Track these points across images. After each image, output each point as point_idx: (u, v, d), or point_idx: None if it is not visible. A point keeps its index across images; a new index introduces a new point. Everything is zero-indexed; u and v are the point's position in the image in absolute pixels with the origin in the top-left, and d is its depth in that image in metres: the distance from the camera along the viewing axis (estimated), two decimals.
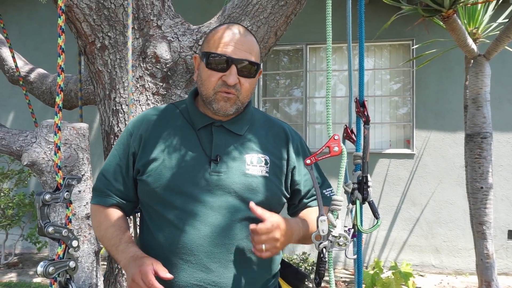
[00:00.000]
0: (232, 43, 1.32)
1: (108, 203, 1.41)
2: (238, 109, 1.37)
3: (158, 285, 1.17)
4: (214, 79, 1.33)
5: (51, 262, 1.12)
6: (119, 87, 2.20)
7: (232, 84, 1.31)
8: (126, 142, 1.41)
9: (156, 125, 1.41)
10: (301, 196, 1.44)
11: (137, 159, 1.38)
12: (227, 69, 1.31)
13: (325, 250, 1.24)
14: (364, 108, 1.40)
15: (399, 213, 5.51)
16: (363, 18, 1.39)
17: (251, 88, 1.37)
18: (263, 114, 1.53)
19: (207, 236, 1.29)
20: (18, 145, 1.96)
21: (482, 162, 4.13)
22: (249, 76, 1.34)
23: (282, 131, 1.46)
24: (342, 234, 1.24)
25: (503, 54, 4.72)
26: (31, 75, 3.46)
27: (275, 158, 1.39)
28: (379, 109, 5.79)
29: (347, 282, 5.01)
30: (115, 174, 1.41)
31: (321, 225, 1.22)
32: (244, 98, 1.36)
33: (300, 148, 1.46)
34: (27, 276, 5.26)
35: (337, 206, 1.27)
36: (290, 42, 5.74)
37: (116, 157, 1.42)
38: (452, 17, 3.83)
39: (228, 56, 1.31)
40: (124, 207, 1.44)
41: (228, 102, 1.34)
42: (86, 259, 1.98)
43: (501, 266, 5.11)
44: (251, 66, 1.33)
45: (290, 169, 1.41)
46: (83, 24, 2.12)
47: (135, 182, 1.41)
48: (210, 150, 1.35)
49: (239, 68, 1.32)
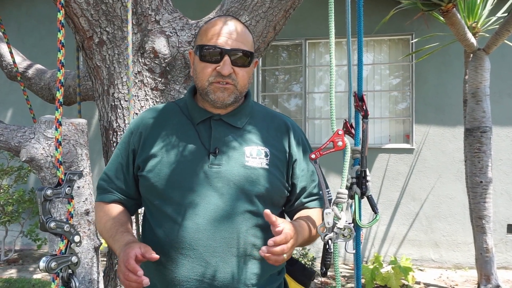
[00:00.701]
0: (224, 34, 1.33)
1: (109, 199, 1.44)
2: (236, 99, 1.37)
3: (135, 267, 1.16)
4: (208, 70, 1.33)
5: (53, 257, 1.12)
6: (117, 82, 2.19)
7: (226, 74, 1.31)
8: (127, 140, 1.45)
9: (156, 122, 1.43)
10: (297, 192, 1.42)
11: (137, 155, 1.40)
12: (220, 60, 1.32)
13: (331, 241, 1.27)
14: (362, 102, 1.40)
15: (399, 208, 5.52)
16: (361, 12, 1.38)
17: (248, 76, 1.38)
18: (263, 108, 1.53)
19: (206, 230, 1.28)
20: (16, 141, 1.95)
21: (482, 157, 4.14)
22: (243, 66, 1.35)
23: (283, 124, 1.46)
24: (347, 226, 1.26)
25: (502, 48, 4.71)
26: (29, 71, 3.45)
27: (275, 151, 1.38)
28: (379, 104, 5.78)
29: (347, 277, 5.02)
30: (116, 172, 1.44)
31: (326, 218, 1.25)
32: (241, 87, 1.36)
33: (301, 142, 1.45)
34: (27, 272, 5.27)
35: (341, 199, 1.28)
36: (289, 37, 5.73)
37: (118, 155, 1.45)
38: (451, 11, 3.82)
39: (220, 47, 1.32)
40: (126, 203, 1.46)
41: (225, 92, 1.34)
42: (85, 255, 1.98)
43: (500, 260, 5.12)
44: (244, 55, 1.34)
45: (292, 162, 1.41)
46: (81, 19, 2.11)
47: (136, 180, 1.43)
48: (209, 144, 1.35)
49: (233, 58, 1.32)
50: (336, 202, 1.28)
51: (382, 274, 4.54)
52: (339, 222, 1.26)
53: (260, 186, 1.33)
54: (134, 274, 1.17)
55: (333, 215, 1.25)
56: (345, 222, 1.26)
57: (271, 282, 1.39)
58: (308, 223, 1.36)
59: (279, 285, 1.43)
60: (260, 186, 1.33)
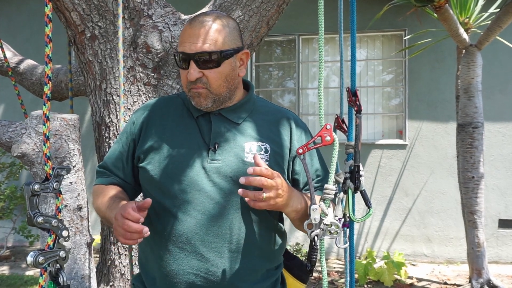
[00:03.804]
0: (189, 39, 1.30)
1: (107, 181, 1.44)
2: (216, 101, 1.34)
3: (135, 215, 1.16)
4: (184, 76, 1.34)
5: (41, 252, 1.12)
6: (109, 77, 2.18)
7: (192, 80, 1.29)
8: (128, 130, 1.45)
9: (158, 114, 1.43)
10: (300, 187, 1.41)
11: (138, 146, 1.41)
12: (188, 66, 1.30)
13: (317, 238, 1.24)
14: (356, 98, 1.40)
15: (392, 203, 5.55)
16: (354, 7, 1.38)
17: (221, 76, 1.32)
18: (267, 103, 1.50)
19: (203, 225, 1.28)
20: (7, 136, 1.93)
21: (474, 152, 4.16)
22: (212, 67, 1.30)
23: (285, 120, 1.43)
24: (334, 223, 1.24)
25: (494, 44, 4.73)
26: (21, 66, 3.42)
27: (276, 147, 1.37)
28: (372, 100, 5.80)
29: (340, 272, 5.05)
30: (116, 160, 1.45)
31: (313, 214, 1.23)
32: (216, 89, 1.32)
33: (304, 137, 1.43)
34: (19, 269, 5.25)
35: (328, 195, 1.27)
36: (283, 33, 5.72)
37: (119, 144, 1.46)
38: (444, 7, 3.84)
39: (185, 52, 1.29)
40: (124, 186, 1.45)
41: (200, 97, 1.32)
42: (78, 251, 1.97)
43: (491, 254, 5.16)
44: (210, 56, 1.29)
45: (292, 158, 1.39)
46: (72, 14, 2.09)
47: (135, 170, 1.44)
48: (209, 138, 1.34)
49: (199, 61, 1.29)
50: (323, 198, 1.27)
51: (375, 269, 4.56)
52: (326, 219, 1.24)
53: None
54: (135, 222, 1.16)
55: (320, 211, 1.24)
56: (332, 219, 1.24)
57: (267, 277, 1.39)
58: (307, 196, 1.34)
59: (276, 279, 1.43)
60: None
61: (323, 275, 1.30)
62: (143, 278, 1.42)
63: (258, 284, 1.35)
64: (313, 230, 1.24)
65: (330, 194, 1.27)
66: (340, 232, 1.25)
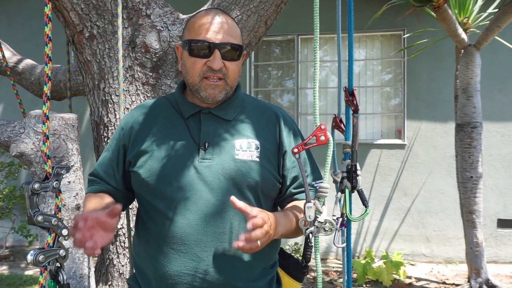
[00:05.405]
0: (212, 28, 1.32)
1: (97, 190, 1.44)
2: (227, 94, 1.37)
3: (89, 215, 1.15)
4: (199, 65, 1.33)
5: (41, 251, 1.12)
6: (108, 77, 2.18)
7: (217, 68, 1.31)
8: (118, 137, 1.45)
9: (146, 118, 1.43)
10: (287, 183, 1.41)
11: (128, 151, 1.41)
12: (210, 54, 1.31)
13: (312, 235, 1.26)
14: (353, 97, 1.40)
15: (391, 203, 5.55)
16: (352, 7, 1.38)
17: (238, 70, 1.37)
18: (254, 100, 1.51)
19: (197, 225, 1.29)
20: (6, 135, 1.94)
21: (472, 152, 4.17)
22: (233, 59, 1.34)
23: (274, 115, 1.44)
24: (328, 220, 1.26)
25: (493, 44, 4.74)
26: (20, 66, 3.42)
27: (266, 143, 1.38)
28: (371, 100, 5.80)
29: (339, 272, 5.05)
30: (106, 167, 1.44)
31: (308, 211, 1.25)
32: (232, 81, 1.36)
33: (292, 133, 1.44)
34: (18, 268, 5.25)
35: (323, 194, 1.28)
36: (282, 32, 5.72)
37: (109, 151, 1.45)
38: (442, 6, 3.84)
39: (210, 41, 1.31)
40: (114, 194, 1.45)
41: (216, 89, 1.34)
42: (76, 250, 1.97)
43: (490, 254, 5.17)
44: (234, 49, 1.33)
45: (282, 154, 1.40)
46: (71, 13, 2.09)
47: (126, 176, 1.43)
48: (199, 138, 1.35)
49: (222, 52, 1.32)
50: (318, 196, 1.28)
51: (373, 269, 4.57)
52: (320, 216, 1.26)
53: (250, 179, 1.32)
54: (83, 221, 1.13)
55: (315, 209, 1.25)
56: (326, 216, 1.26)
57: (263, 276, 1.39)
58: (295, 213, 1.35)
59: (271, 278, 1.43)
60: (250, 179, 1.32)
61: (317, 271, 1.31)
62: (138, 280, 1.42)
63: (254, 283, 1.35)
64: (308, 227, 1.26)
65: (325, 193, 1.28)
66: (334, 229, 1.27)
